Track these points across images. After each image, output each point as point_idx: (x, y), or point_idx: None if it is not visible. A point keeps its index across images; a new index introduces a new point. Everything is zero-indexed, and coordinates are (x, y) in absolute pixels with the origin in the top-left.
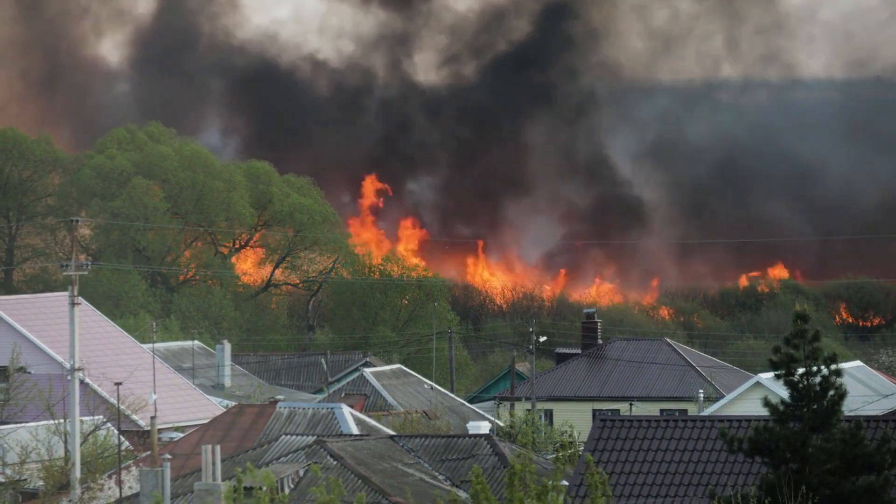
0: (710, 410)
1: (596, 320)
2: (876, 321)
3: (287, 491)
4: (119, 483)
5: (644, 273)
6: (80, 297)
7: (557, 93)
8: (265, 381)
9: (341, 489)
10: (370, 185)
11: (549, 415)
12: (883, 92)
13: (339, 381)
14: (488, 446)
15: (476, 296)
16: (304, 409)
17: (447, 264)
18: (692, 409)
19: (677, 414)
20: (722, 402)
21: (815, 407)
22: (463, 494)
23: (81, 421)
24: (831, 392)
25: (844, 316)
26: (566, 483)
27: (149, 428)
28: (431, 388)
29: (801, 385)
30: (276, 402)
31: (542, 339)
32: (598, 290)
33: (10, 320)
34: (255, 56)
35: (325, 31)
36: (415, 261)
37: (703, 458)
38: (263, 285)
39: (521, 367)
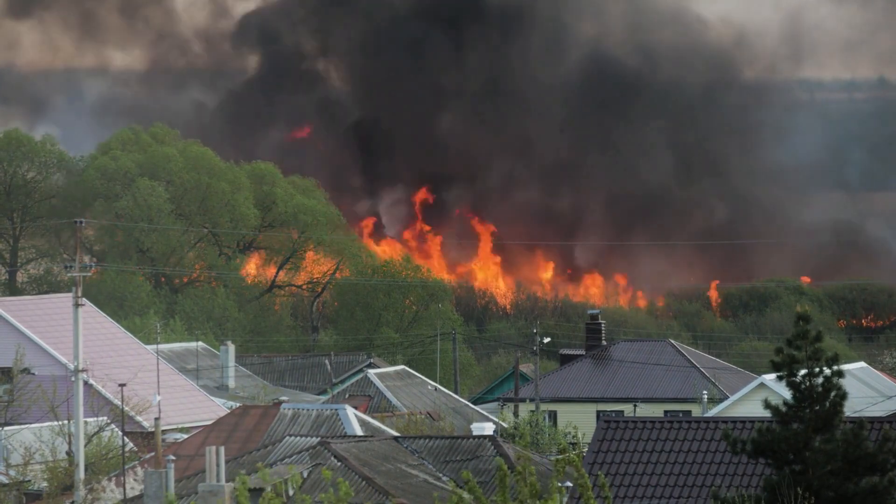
0: (713, 412)
1: (600, 321)
2: (880, 322)
3: (291, 492)
4: (123, 484)
5: (650, 273)
6: (84, 299)
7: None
8: (269, 382)
9: (349, 492)
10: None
11: (553, 416)
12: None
13: (343, 382)
14: (492, 447)
15: (480, 297)
16: (308, 410)
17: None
18: (696, 411)
19: (681, 415)
20: (726, 403)
21: (817, 408)
22: (467, 496)
23: (85, 422)
24: (833, 393)
25: (848, 317)
26: (570, 485)
27: (153, 429)
28: (435, 389)
29: (803, 386)
30: (280, 403)
31: (546, 340)
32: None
33: (14, 321)
34: None
35: None
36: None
37: (707, 460)
38: (267, 286)
39: (525, 368)
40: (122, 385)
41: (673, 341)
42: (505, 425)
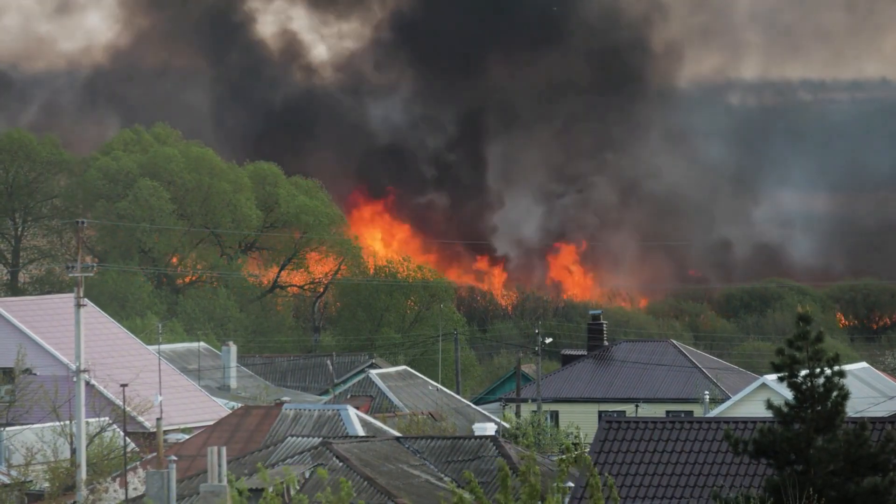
0: (715, 412)
1: (602, 322)
2: (882, 323)
3: (293, 493)
4: (125, 485)
5: (652, 273)
6: (85, 299)
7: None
8: (271, 382)
9: (350, 491)
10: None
11: (554, 416)
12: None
13: (344, 382)
14: (494, 448)
15: (481, 297)
16: (309, 410)
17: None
18: (698, 411)
19: (683, 415)
20: (727, 403)
21: (818, 408)
22: (468, 496)
23: (87, 422)
24: (835, 393)
25: (850, 317)
26: (571, 485)
27: (154, 429)
28: (437, 389)
29: (804, 386)
30: (281, 403)
31: (548, 340)
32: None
33: (16, 322)
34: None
35: None
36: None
37: (709, 460)
38: (269, 287)
39: (527, 368)
40: (123, 385)
41: (675, 342)
42: (507, 426)
